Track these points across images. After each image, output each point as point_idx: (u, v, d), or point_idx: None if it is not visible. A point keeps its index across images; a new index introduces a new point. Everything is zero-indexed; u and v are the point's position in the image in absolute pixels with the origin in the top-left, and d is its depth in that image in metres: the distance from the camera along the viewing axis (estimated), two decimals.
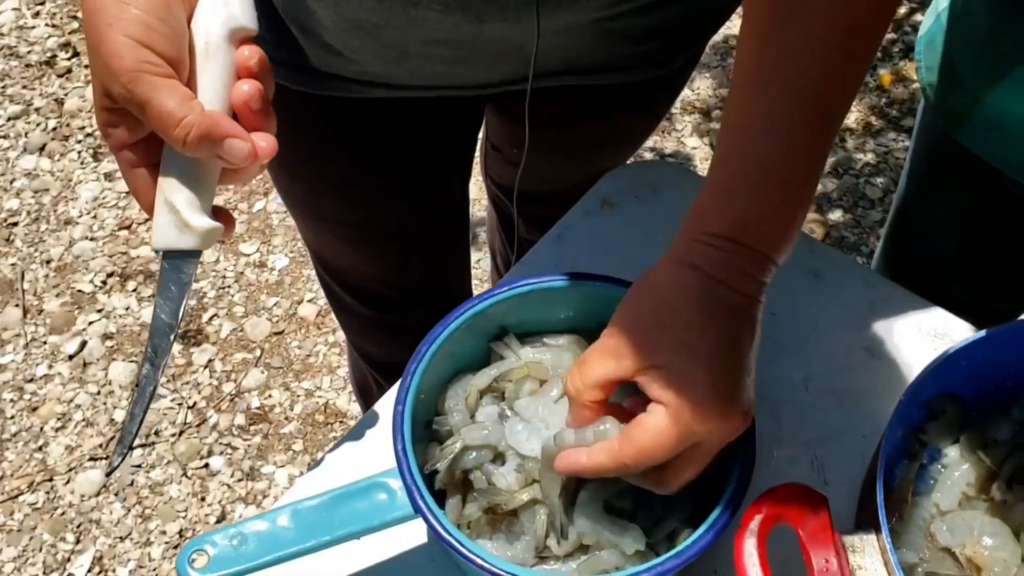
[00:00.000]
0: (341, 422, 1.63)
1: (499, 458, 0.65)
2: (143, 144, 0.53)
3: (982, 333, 0.64)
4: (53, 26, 2.17)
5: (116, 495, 1.58)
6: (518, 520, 0.63)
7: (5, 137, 2.00)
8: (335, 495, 0.61)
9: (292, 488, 0.73)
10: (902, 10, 2.18)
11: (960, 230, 0.90)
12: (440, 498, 0.65)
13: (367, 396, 1.21)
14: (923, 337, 0.77)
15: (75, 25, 2.17)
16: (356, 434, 0.74)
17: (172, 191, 0.54)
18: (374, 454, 0.71)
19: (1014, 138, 0.76)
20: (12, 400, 1.65)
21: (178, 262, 0.56)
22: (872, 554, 0.56)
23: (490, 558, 0.58)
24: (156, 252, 0.55)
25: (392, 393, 0.72)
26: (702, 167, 1.96)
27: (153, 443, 1.63)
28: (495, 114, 0.95)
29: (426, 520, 0.59)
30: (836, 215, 1.88)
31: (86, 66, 2.11)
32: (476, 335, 0.69)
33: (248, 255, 1.83)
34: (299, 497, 0.61)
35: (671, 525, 0.61)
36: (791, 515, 0.56)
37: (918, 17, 2.17)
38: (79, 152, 1.99)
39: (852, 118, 2.01)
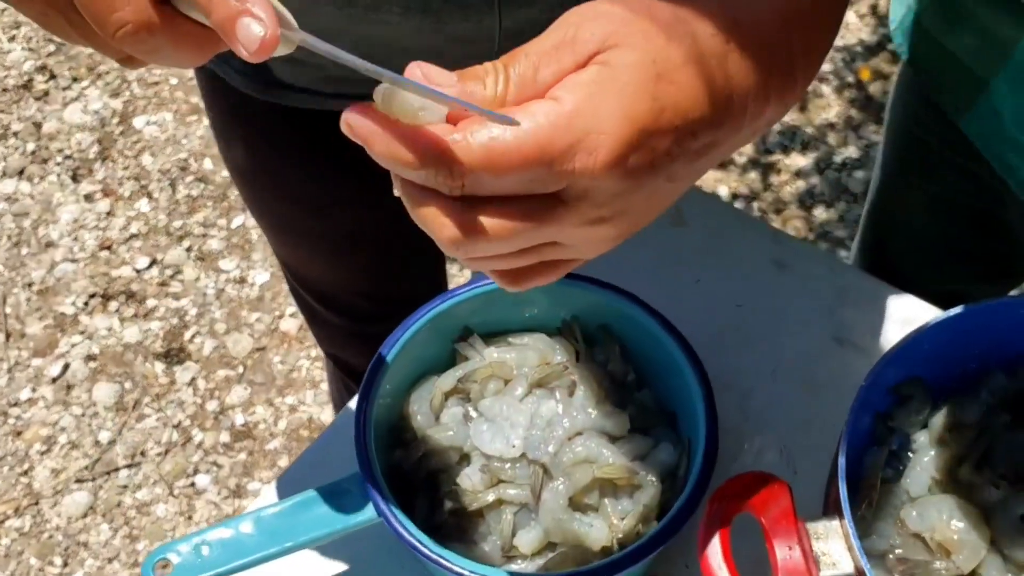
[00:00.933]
0: None
1: (465, 459, 0.65)
2: None
3: (944, 314, 0.64)
4: (30, 50, 2.17)
5: (103, 516, 1.57)
6: (484, 520, 0.63)
7: None
8: (299, 501, 0.61)
9: (258, 498, 0.73)
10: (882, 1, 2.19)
11: (935, 220, 0.90)
12: (408, 501, 0.64)
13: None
14: (892, 324, 0.77)
15: (51, 48, 2.17)
16: (324, 441, 0.74)
17: None
18: (343, 460, 0.70)
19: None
20: None
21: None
22: (837, 540, 0.56)
23: (455, 559, 0.57)
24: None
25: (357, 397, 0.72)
26: None
27: (139, 463, 1.62)
28: None
29: (389, 523, 0.59)
30: (819, 211, 1.88)
31: (64, 88, 2.11)
32: (440, 337, 0.69)
33: (228, 271, 1.83)
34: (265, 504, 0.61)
35: (636, 519, 0.61)
36: (754, 504, 0.56)
37: None
38: (58, 175, 1.99)
39: (833, 112, 2.02)
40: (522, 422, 0.64)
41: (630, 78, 0.39)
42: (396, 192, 0.40)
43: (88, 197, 1.96)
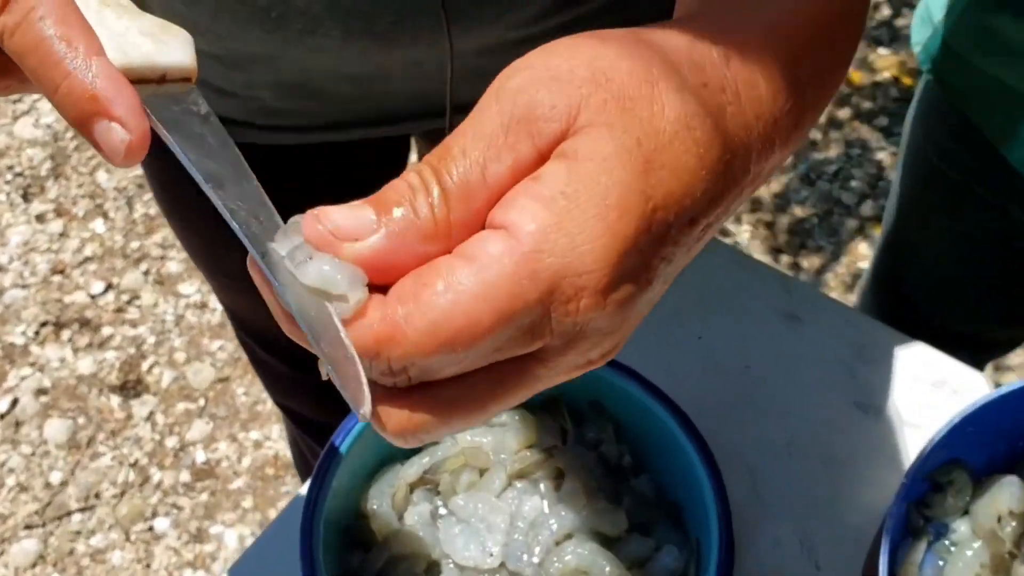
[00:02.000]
0: (293, 475, 1.52)
1: (434, 568, 0.55)
2: None
3: (992, 395, 0.55)
4: None
5: (54, 566, 1.46)
6: None
7: None
8: None
9: (220, 546, 0.63)
10: None
11: (956, 256, 0.81)
12: None
13: (304, 462, 1.11)
14: (920, 386, 0.68)
15: None
16: (273, 532, 0.64)
17: None
18: (291, 559, 0.60)
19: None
20: None
21: (168, 97, 0.33)
22: None
23: None
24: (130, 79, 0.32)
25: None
26: None
27: (93, 506, 1.52)
28: (426, 148, 0.85)
29: None
30: (811, 223, 1.79)
31: (14, 100, 2.00)
32: None
33: (188, 295, 1.72)
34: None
35: None
36: None
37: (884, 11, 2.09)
38: (7, 193, 1.87)
39: (822, 118, 1.93)
40: (501, 524, 0.54)
41: (612, 179, 0.28)
42: (324, 377, 0.30)
43: (40, 217, 1.85)
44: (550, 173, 0.29)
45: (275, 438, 1.56)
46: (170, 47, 0.34)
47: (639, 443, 0.60)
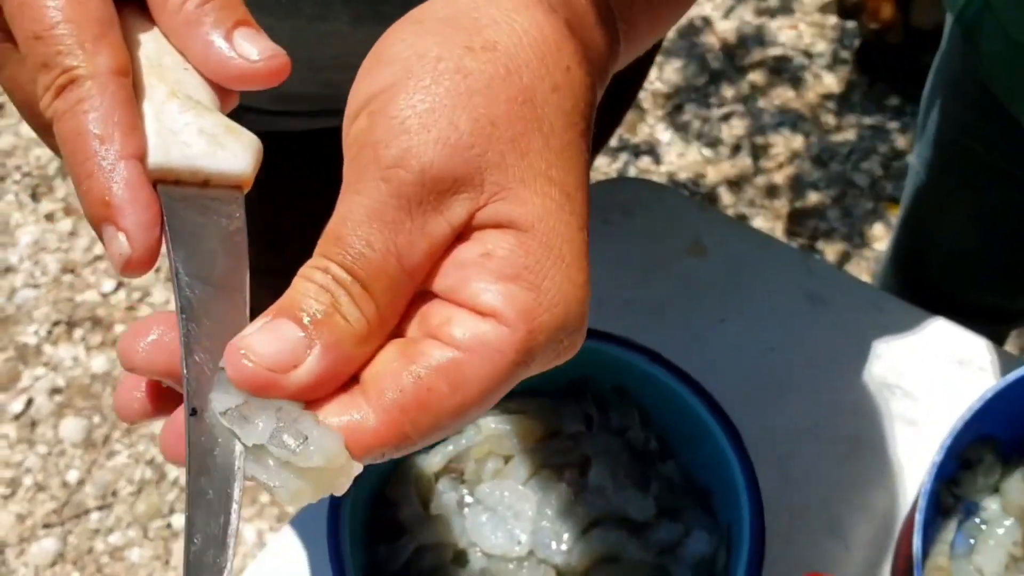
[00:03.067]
0: None
1: (461, 557, 0.55)
2: None
3: (1021, 371, 0.54)
4: None
5: (74, 564, 1.46)
6: None
7: None
8: None
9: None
10: None
11: (979, 232, 0.80)
12: None
13: None
14: (946, 365, 0.67)
15: None
16: (297, 523, 0.64)
17: (178, 75, 0.32)
18: (317, 551, 0.60)
19: None
20: None
21: (203, 202, 0.31)
22: None
23: None
24: (155, 181, 0.30)
25: None
26: (677, 162, 1.86)
27: (111, 504, 1.52)
28: None
29: None
30: (825, 204, 1.78)
31: None
32: None
33: None
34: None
35: None
36: None
37: None
38: (16, 194, 1.87)
39: (827, 90, 1.92)
40: (528, 512, 0.54)
41: (560, 237, 0.29)
42: None
43: (49, 217, 1.85)
44: (501, 249, 0.28)
45: None
46: (226, 151, 0.32)
47: (665, 428, 0.59)
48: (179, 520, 1.49)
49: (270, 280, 0.83)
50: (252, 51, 0.33)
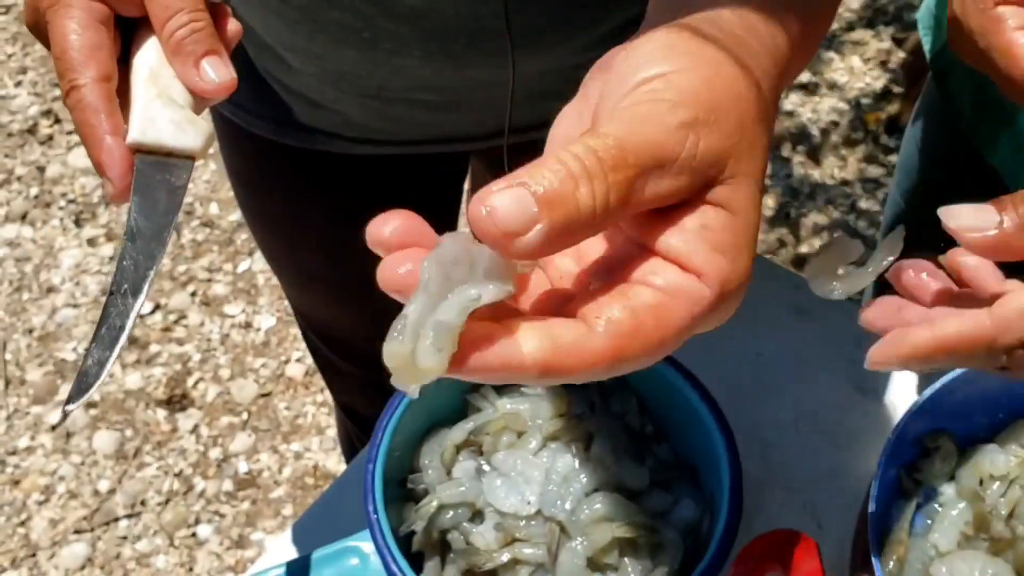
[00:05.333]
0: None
1: (478, 516, 0.62)
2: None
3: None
4: (35, 94, 2.17)
5: (101, 568, 1.54)
6: None
7: None
8: (303, 562, 0.58)
9: (264, 555, 0.70)
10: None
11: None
12: (418, 561, 0.62)
13: (352, 450, 1.18)
14: (914, 373, 0.75)
15: (56, 93, 2.17)
16: (332, 495, 0.72)
17: (167, 81, 0.48)
18: (351, 513, 0.68)
19: None
20: None
21: (166, 165, 0.47)
22: None
23: None
24: (133, 150, 0.47)
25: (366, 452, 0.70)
26: None
27: (139, 513, 1.59)
28: (482, 166, 0.93)
29: None
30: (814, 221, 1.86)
31: (68, 132, 2.11)
32: (451, 387, 0.67)
33: (233, 316, 1.81)
34: (272, 563, 0.59)
35: None
36: (781, 562, 0.53)
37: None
38: (61, 219, 1.98)
39: (845, 165, 2.01)
40: (537, 477, 0.62)
41: (755, 224, 0.36)
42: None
43: (91, 241, 1.95)
44: (719, 224, 0.35)
45: (315, 450, 1.63)
46: (186, 135, 0.47)
47: (661, 415, 0.67)
48: (204, 530, 1.56)
49: (344, 292, 0.94)
50: (214, 76, 0.48)
